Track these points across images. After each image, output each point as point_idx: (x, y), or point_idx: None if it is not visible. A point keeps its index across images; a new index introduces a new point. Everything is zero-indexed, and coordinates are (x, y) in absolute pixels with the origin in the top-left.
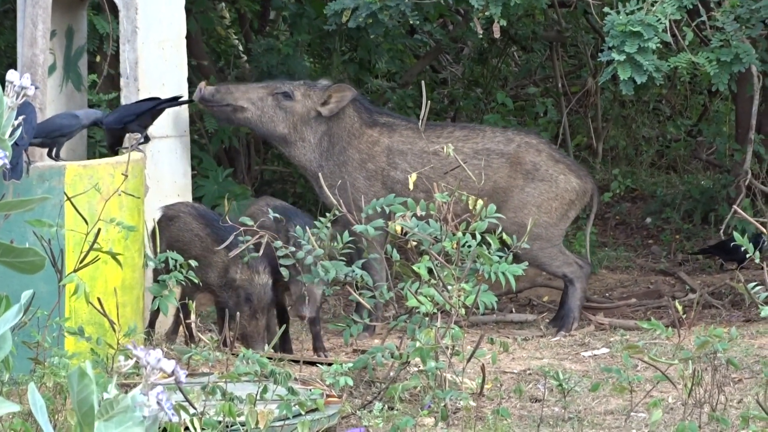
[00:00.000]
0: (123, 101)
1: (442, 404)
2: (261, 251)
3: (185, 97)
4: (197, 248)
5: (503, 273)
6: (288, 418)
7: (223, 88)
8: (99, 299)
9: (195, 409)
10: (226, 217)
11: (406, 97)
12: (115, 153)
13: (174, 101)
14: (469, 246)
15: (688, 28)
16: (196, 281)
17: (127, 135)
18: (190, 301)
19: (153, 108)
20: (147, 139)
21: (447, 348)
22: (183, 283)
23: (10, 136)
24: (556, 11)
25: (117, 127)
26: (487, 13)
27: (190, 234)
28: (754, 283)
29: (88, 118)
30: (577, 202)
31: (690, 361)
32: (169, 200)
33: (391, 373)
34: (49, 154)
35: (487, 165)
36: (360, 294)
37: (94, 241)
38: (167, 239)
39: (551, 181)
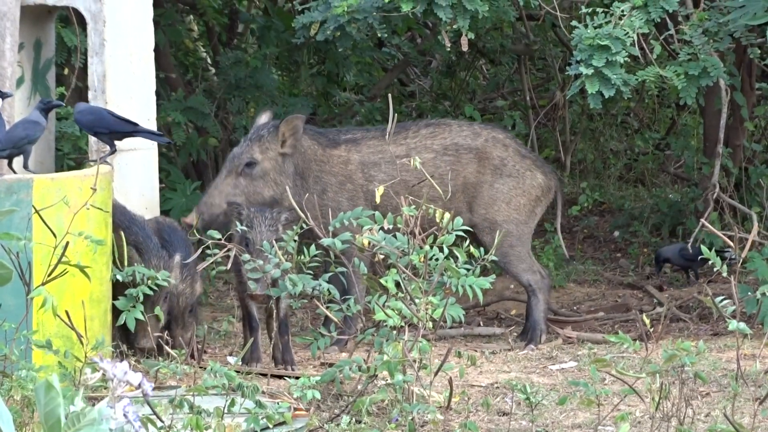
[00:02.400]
0: None
1: (410, 417)
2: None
3: (162, 133)
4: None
5: (470, 286)
6: None
7: (202, 206)
8: (67, 312)
9: (162, 422)
10: (194, 230)
11: (373, 110)
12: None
13: (154, 135)
14: (437, 259)
15: (656, 42)
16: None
17: (95, 148)
18: (160, 312)
19: (129, 133)
20: (114, 151)
21: (414, 361)
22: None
23: None
24: (524, 24)
25: (87, 131)
26: (455, 26)
27: None
28: (722, 297)
29: (42, 118)
30: (543, 198)
31: (657, 375)
32: (137, 213)
33: (359, 387)
34: (10, 165)
35: (457, 160)
36: (327, 307)
37: (62, 255)
38: None
39: (518, 176)
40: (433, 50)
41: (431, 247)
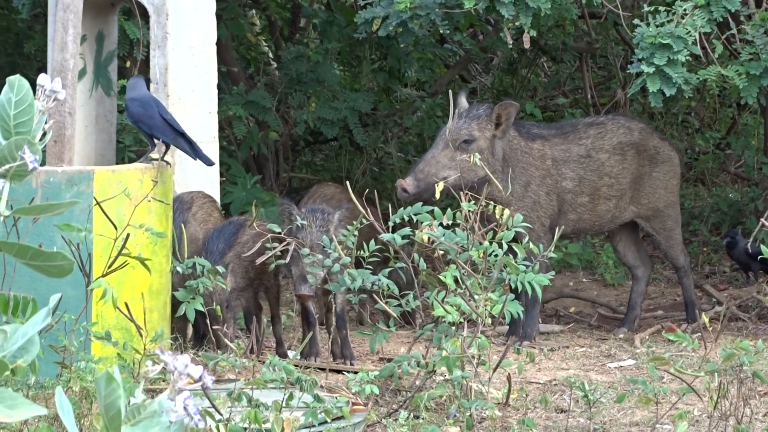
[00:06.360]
0: None
1: (468, 414)
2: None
3: (200, 151)
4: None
5: (530, 283)
6: (313, 426)
7: (419, 173)
8: (126, 304)
9: (221, 415)
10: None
11: (435, 106)
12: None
13: (194, 152)
14: (496, 255)
15: (717, 41)
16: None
17: (157, 142)
18: (218, 307)
19: (167, 142)
20: (168, 146)
21: (473, 357)
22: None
23: (41, 140)
24: (586, 22)
25: (130, 120)
26: (517, 23)
27: None
28: None
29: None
30: (679, 175)
31: (716, 374)
32: None
33: (417, 382)
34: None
35: (623, 158)
36: (386, 302)
37: (123, 246)
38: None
39: (669, 161)
40: (495, 47)
41: (490, 243)
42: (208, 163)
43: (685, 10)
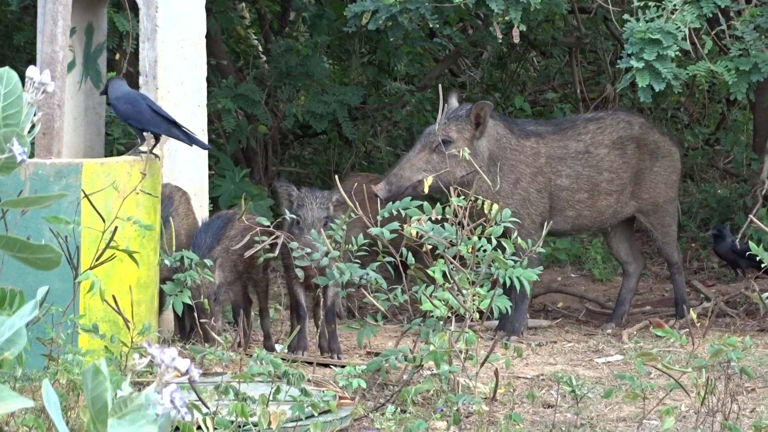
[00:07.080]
0: None
1: (455, 408)
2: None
3: (195, 136)
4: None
5: (518, 278)
6: (300, 420)
7: (392, 177)
8: (114, 297)
9: (208, 408)
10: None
11: (424, 100)
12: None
13: (190, 138)
14: (485, 250)
15: (707, 37)
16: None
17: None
18: (206, 300)
19: (161, 133)
20: (142, 143)
21: (460, 352)
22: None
23: (29, 132)
24: (576, 17)
25: (120, 119)
26: (507, 18)
27: None
28: None
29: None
30: (680, 170)
31: (703, 370)
32: None
33: (405, 377)
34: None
35: (623, 153)
36: (374, 296)
37: (111, 239)
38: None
39: (669, 155)
40: (485, 41)
41: (479, 238)
42: (204, 147)
43: (674, 5)
